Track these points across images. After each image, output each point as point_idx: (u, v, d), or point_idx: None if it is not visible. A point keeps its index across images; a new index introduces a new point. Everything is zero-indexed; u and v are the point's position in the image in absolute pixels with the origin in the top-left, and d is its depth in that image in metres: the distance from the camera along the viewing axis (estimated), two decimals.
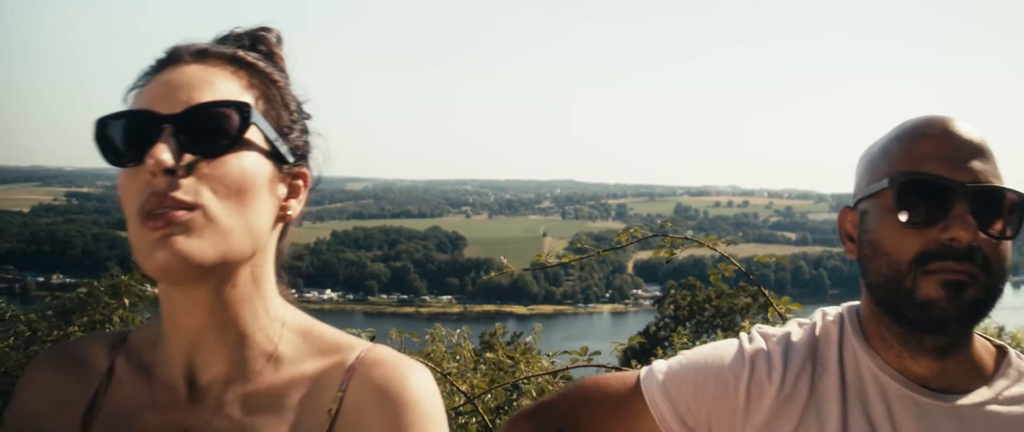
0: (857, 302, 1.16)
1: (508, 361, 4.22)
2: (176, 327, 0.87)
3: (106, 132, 0.83)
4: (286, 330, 0.91)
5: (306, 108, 0.97)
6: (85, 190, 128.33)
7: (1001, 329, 6.47)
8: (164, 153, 0.77)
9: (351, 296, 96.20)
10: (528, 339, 4.74)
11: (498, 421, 3.59)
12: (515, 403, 4.13)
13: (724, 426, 1.12)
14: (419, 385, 0.87)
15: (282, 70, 0.95)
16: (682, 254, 3.27)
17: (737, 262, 3.07)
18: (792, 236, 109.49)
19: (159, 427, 0.85)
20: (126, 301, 5.53)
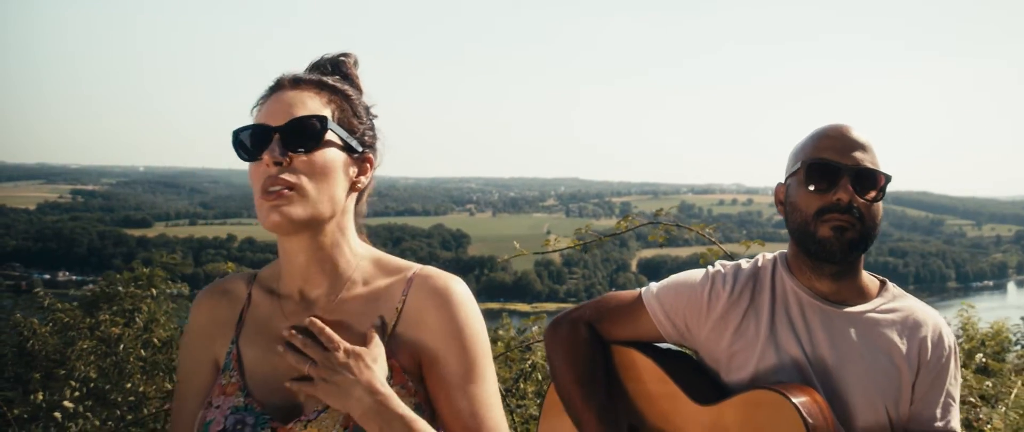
0: (785, 249, 1.72)
1: (517, 353, 4.49)
2: (290, 263, 1.29)
3: (239, 138, 1.24)
4: (363, 261, 1.32)
5: (374, 110, 1.37)
6: (90, 188, 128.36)
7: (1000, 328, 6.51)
8: (274, 152, 1.19)
9: None
10: (535, 328, 4.78)
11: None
12: (521, 386, 4.58)
13: (693, 321, 1.68)
14: (460, 288, 1.28)
15: (356, 87, 1.35)
16: (686, 252, 3.47)
17: (722, 248, 3.38)
18: None
19: (286, 327, 1.24)
20: (153, 291, 6.02)
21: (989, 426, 3.20)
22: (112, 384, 5.27)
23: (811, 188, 1.57)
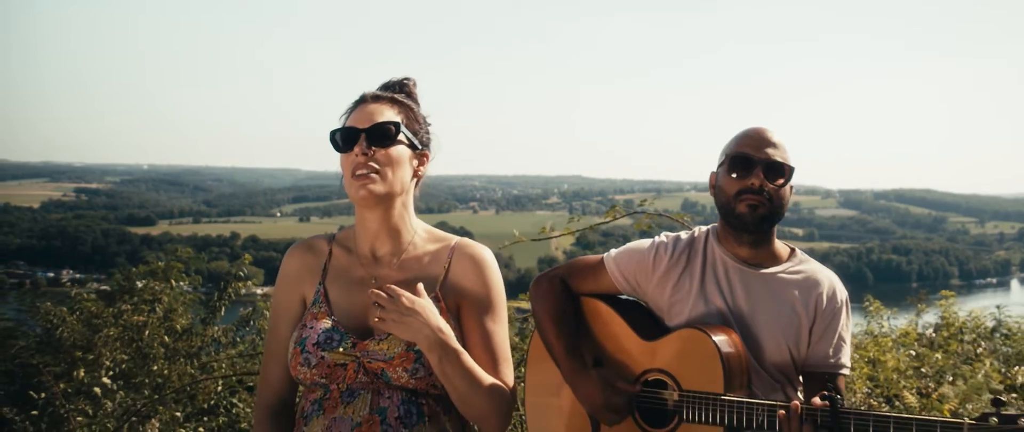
0: (716, 224, 2.16)
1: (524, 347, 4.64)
2: (365, 229, 1.77)
3: (335, 137, 1.72)
4: (418, 230, 1.81)
5: (429, 118, 1.85)
6: (94, 186, 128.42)
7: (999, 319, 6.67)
8: (362, 146, 1.67)
9: None
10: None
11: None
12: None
13: (641, 279, 2.15)
14: (488, 255, 1.78)
15: (416, 102, 1.82)
16: None
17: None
18: (799, 232, 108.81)
19: (361, 276, 1.76)
20: (172, 282, 6.63)
21: (937, 393, 3.88)
22: (138, 367, 5.73)
23: (733, 175, 2.03)
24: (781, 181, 2.02)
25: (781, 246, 2.13)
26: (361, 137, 1.68)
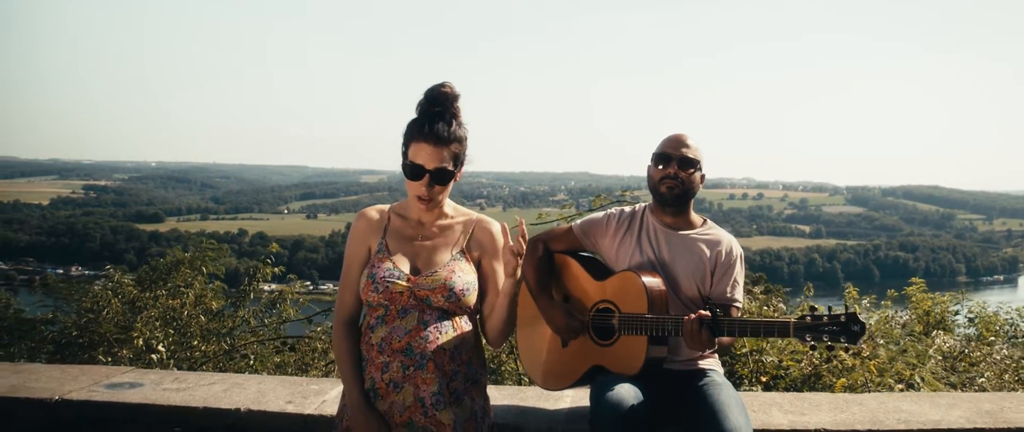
0: (650, 201, 2.96)
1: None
2: (413, 211, 2.47)
3: (406, 168, 2.37)
4: (450, 209, 2.49)
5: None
6: (102, 183, 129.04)
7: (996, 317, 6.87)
8: (425, 184, 2.35)
9: None
10: None
11: None
12: None
13: (598, 239, 2.94)
14: (498, 226, 2.48)
15: (462, 126, 2.40)
16: None
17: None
18: (806, 229, 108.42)
19: (411, 235, 2.45)
20: (204, 269, 7.46)
21: (868, 352, 4.71)
22: (178, 345, 6.42)
23: (659, 167, 2.86)
24: (691, 171, 2.85)
25: (696, 216, 2.96)
26: (425, 177, 2.35)
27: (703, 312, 2.53)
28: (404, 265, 2.40)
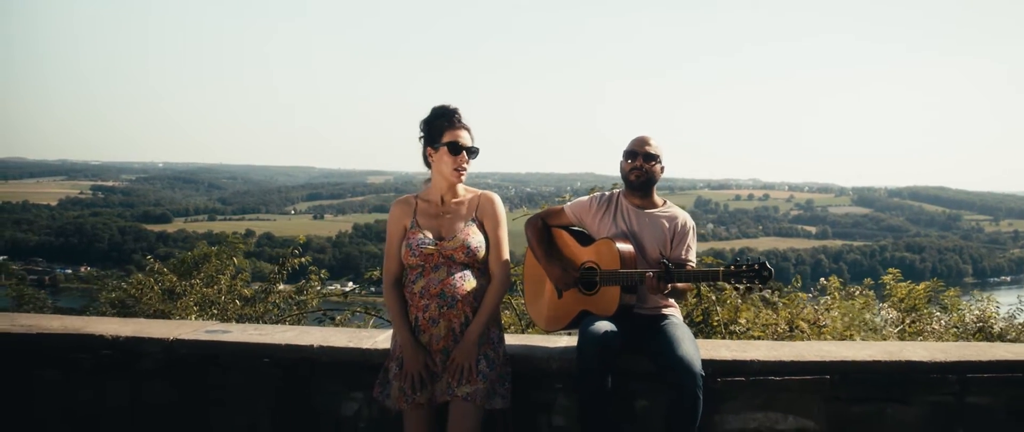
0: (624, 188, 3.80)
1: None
2: (438, 187, 3.35)
3: (455, 144, 3.25)
4: (461, 189, 3.37)
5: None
6: (110, 183, 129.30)
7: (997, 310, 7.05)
8: (466, 157, 3.29)
9: (373, 289, 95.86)
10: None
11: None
12: None
13: (584, 217, 3.79)
14: (499, 199, 3.38)
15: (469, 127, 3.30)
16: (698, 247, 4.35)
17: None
18: (812, 229, 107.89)
19: (435, 211, 3.33)
20: (235, 259, 8.17)
21: (827, 319, 5.59)
22: None
23: (628, 161, 3.68)
24: (653, 163, 3.68)
25: (658, 198, 3.77)
26: (464, 151, 3.23)
27: (663, 264, 3.33)
28: (431, 234, 3.27)
